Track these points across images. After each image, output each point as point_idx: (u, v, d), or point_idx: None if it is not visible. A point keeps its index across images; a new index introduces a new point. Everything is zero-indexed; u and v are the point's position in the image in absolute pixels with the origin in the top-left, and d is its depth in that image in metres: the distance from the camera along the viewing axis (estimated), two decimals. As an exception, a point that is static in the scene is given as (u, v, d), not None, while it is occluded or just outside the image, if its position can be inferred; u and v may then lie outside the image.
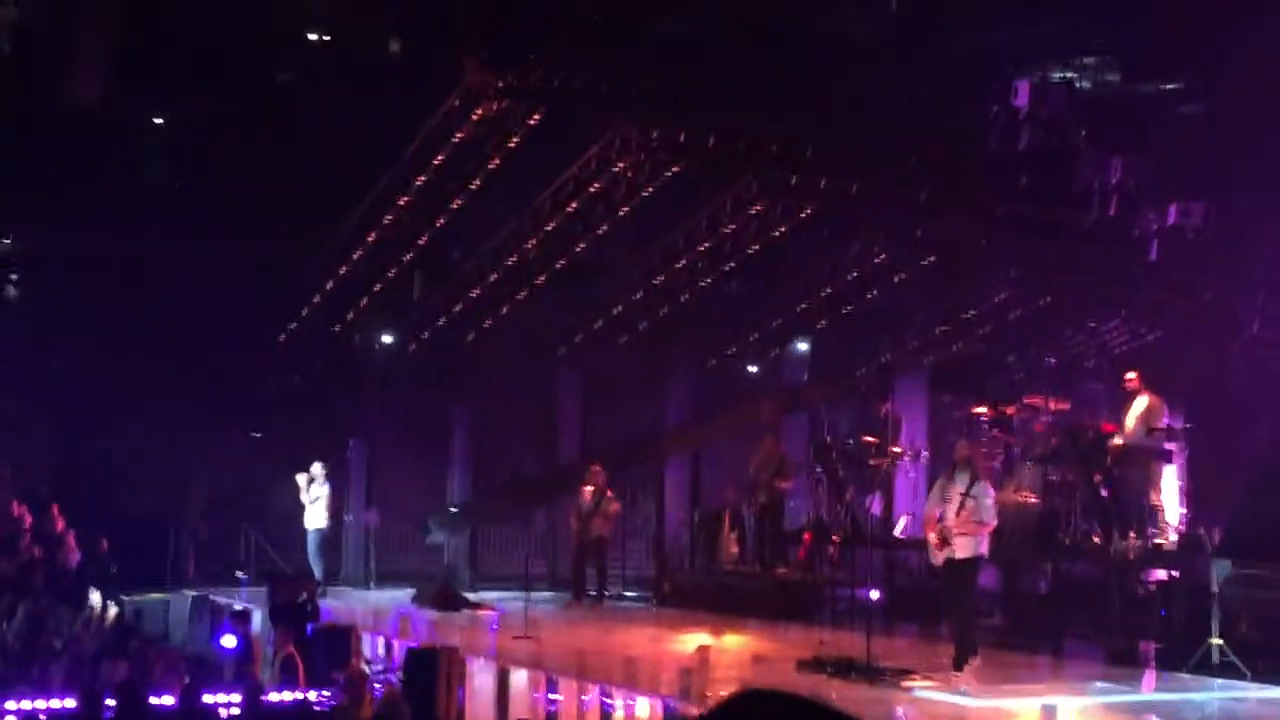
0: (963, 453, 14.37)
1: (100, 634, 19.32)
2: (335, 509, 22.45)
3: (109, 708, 13.80)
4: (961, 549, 13.87)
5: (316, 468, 21.94)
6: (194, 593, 21.62)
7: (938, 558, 14.10)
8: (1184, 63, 14.91)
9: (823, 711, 2.66)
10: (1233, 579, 14.40)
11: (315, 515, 21.94)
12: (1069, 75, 14.97)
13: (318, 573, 21.41)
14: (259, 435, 23.58)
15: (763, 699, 2.70)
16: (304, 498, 21.94)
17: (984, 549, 14.05)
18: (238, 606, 20.55)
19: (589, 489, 21.66)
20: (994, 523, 14.13)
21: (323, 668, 16.81)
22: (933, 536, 14.12)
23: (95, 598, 20.21)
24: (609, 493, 21.63)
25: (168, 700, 14.40)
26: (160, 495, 22.86)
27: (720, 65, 14.82)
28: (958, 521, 13.83)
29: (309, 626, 18.10)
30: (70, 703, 14.28)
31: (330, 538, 22.50)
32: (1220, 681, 14.13)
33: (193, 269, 21.32)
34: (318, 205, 20.86)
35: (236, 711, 14.65)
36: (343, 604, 20.49)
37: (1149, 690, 14.63)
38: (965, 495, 13.84)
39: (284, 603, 18.57)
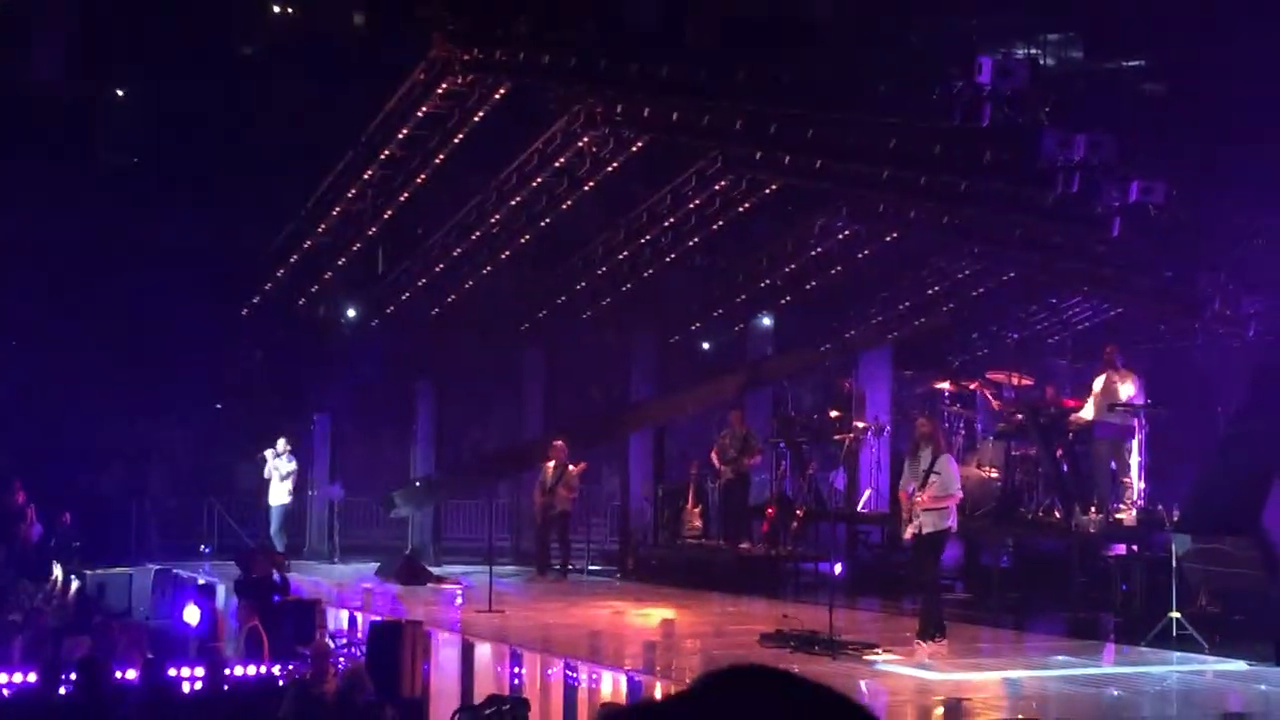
0: (923, 429, 14.42)
1: (62, 608, 19.27)
2: (297, 484, 22.51)
3: (70, 682, 13.78)
4: (929, 523, 13.94)
5: (281, 443, 21.98)
6: (157, 567, 21.56)
7: (907, 533, 14.18)
8: (1147, 40, 14.99)
9: (802, 686, 2.65)
10: (1192, 553, 14.53)
11: (279, 491, 22.02)
12: (1032, 52, 15.04)
13: (279, 548, 21.40)
14: (220, 408, 23.48)
15: (743, 675, 2.69)
16: (269, 473, 21.97)
17: (951, 522, 14.11)
18: (201, 581, 20.55)
19: (551, 464, 21.70)
20: (959, 494, 14.19)
21: (287, 642, 16.82)
22: (905, 511, 14.22)
23: (57, 571, 20.15)
24: (570, 467, 21.65)
25: (130, 675, 14.39)
26: (123, 470, 22.80)
27: (686, 44, 14.83)
28: (924, 497, 13.91)
29: (275, 599, 18.10)
30: (31, 677, 14.25)
31: (293, 512, 22.54)
32: (1179, 655, 14.27)
33: (155, 244, 21.22)
34: (282, 179, 20.79)
35: (199, 685, 14.65)
36: (307, 578, 20.48)
37: (1109, 663, 14.76)
38: (929, 470, 13.93)
39: (252, 577, 18.56)
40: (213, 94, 20.04)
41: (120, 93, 20.81)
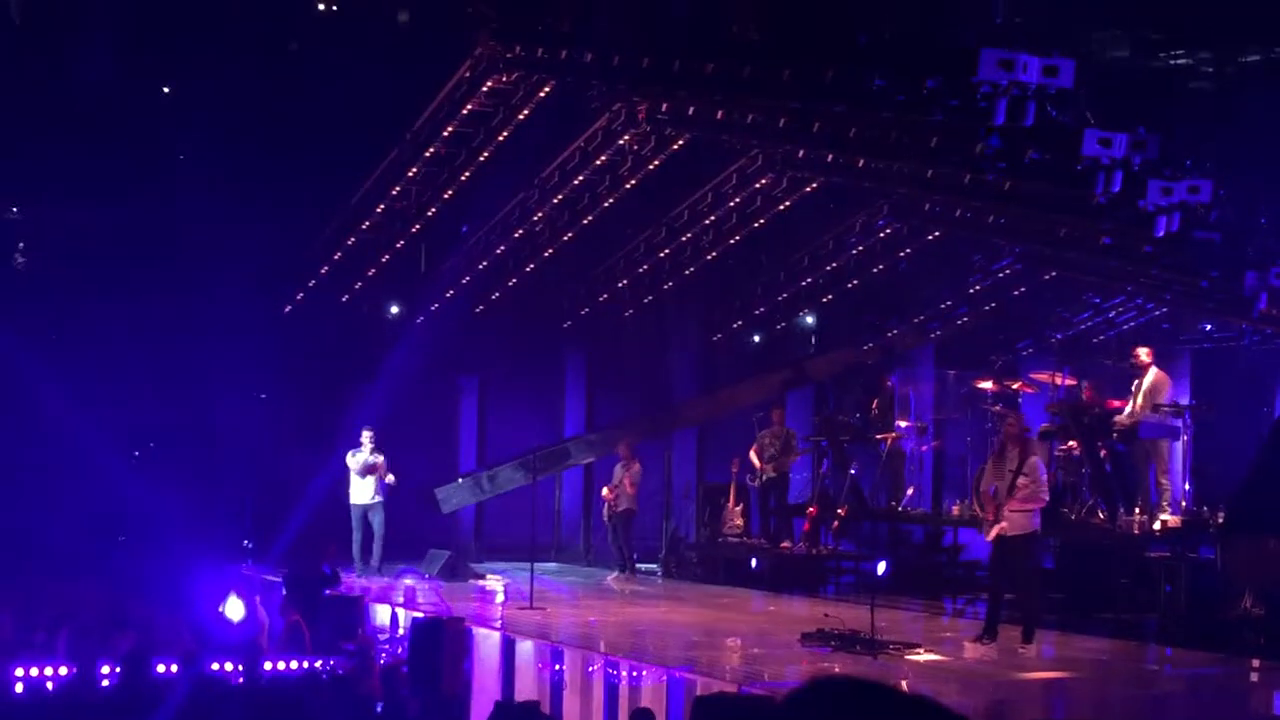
0: (1011, 429, 14.42)
1: (104, 601, 19.39)
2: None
3: (113, 675, 13.89)
4: (1015, 525, 13.98)
5: (365, 436, 20.89)
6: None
7: (990, 533, 14.19)
8: (1192, 38, 14.88)
9: (890, 695, 2.73)
10: (1237, 555, 14.44)
11: (364, 489, 20.80)
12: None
13: (374, 556, 20.69)
14: (264, 397, 23.49)
15: (832, 687, 2.79)
16: (353, 468, 20.78)
17: (1037, 524, 14.16)
18: (244, 574, 20.69)
19: (620, 463, 21.80)
20: (1046, 498, 14.28)
21: (329, 637, 16.92)
22: (983, 511, 14.22)
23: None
24: (634, 464, 21.67)
25: (172, 668, 14.48)
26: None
27: (728, 42, 14.79)
28: (1012, 498, 13.94)
29: (325, 592, 18.22)
30: (64, 670, 14.35)
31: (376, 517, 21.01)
32: (1224, 656, 14.20)
33: (200, 239, 21.30)
34: (326, 176, 20.86)
35: (241, 680, 14.74)
36: (350, 574, 20.57)
37: (1152, 664, 14.70)
38: (1017, 472, 13.94)
39: (300, 571, 18.69)
40: (257, 90, 20.09)
41: (166, 89, 20.90)
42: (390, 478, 20.69)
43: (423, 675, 14.80)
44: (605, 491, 21.71)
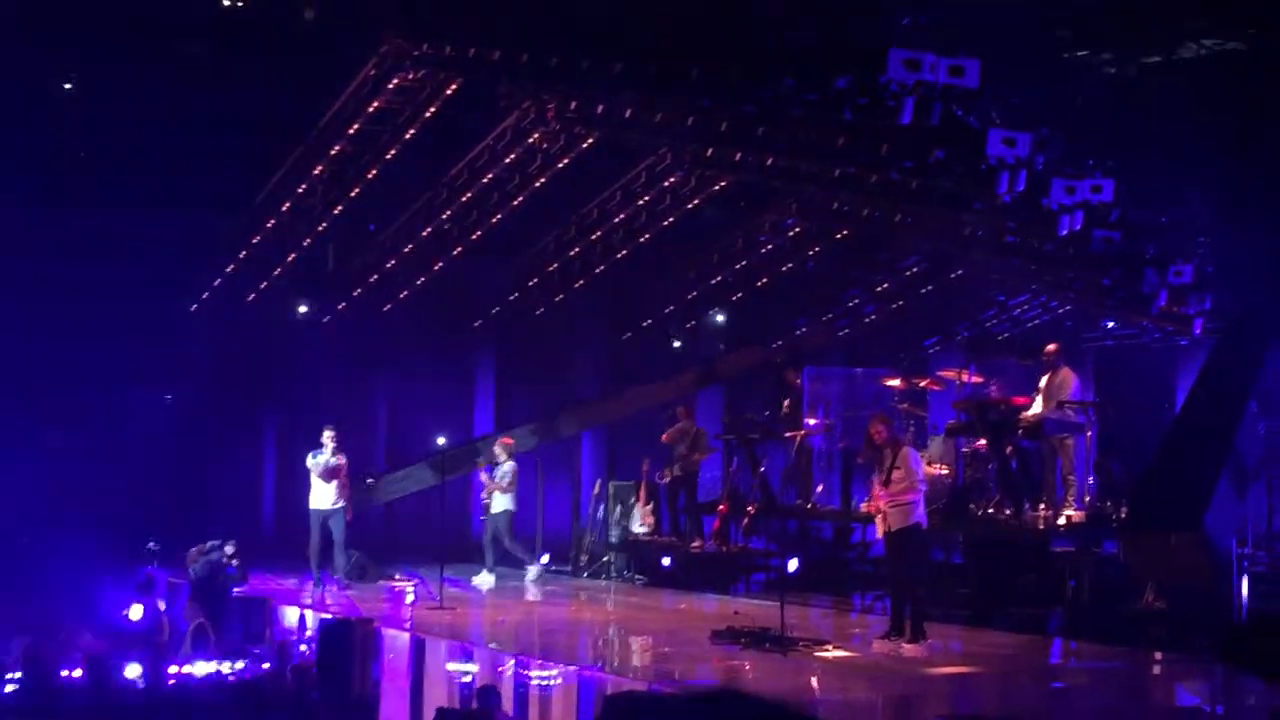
0: (879, 436, 14.29)
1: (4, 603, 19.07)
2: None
3: (13, 680, 13.66)
4: (896, 519, 13.90)
5: (327, 435, 19.41)
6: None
7: (879, 530, 14.18)
8: (1095, 37, 15.06)
9: (793, 713, 2.85)
10: (1138, 550, 14.61)
11: (325, 493, 19.30)
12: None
13: (336, 564, 19.47)
14: (170, 398, 23.22)
15: (739, 699, 2.89)
16: (314, 470, 19.26)
17: (919, 515, 13.99)
18: (144, 577, 20.38)
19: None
20: (923, 486, 14.07)
21: (237, 639, 16.75)
22: (870, 509, 14.23)
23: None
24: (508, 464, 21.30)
25: (75, 673, 14.26)
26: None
27: (637, 41, 14.80)
28: (888, 493, 13.91)
29: (232, 590, 18.02)
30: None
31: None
32: (1128, 650, 14.39)
33: (104, 236, 21.01)
34: (232, 175, 20.64)
35: (144, 684, 14.55)
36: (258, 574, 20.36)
37: (1057, 658, 14.87)
38: (891, 466, 13.92)
39: (206, 572, 18.47)
40: (161, 86, 19.85)
41: (67, 85, 20.58)
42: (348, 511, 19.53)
43: (332, 677, 14.66)
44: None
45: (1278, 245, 15.72)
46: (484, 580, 20.06)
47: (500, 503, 20.27)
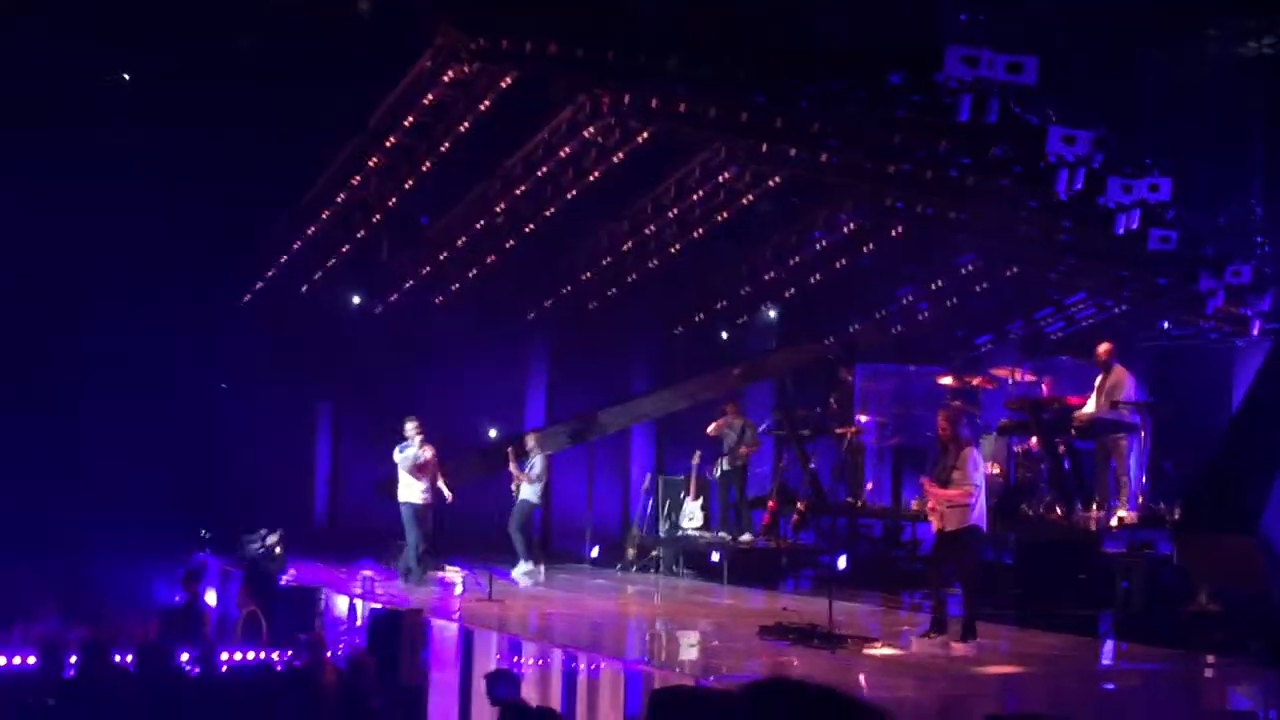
0: (944, 429, 14.10)
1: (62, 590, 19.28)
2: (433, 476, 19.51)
3: (71, 665, 13.80)
4: (950, 520, 13.72)
5: (410, 428, 19.46)
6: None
7: (935, 525, 14.02)
8: (1155, 33, 14.95)
9: (842, 700, 2.85)
10: (1193, 552, 14.50)
11: (413, 488, 19.36)
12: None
13: (423, 559, 19.34)
14: (225, 387, 23.33)
15: (787, 688, 2.90)
16: (402, 465, 19.27)
17: (976, 517, 13.74)
18: (195, 565, 20.57)
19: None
20: (972, 488, 13.79)
21: (286, 627, 16.87)
22: (931, 505, 14.03)
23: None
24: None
25: (128, 659, 14.40)
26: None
27: (692, 36, 14.78)
28: (945, 494, 13.73)
29: (279, 577, 18.14)
30: (31, 660, 14.26)
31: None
32: (1180, 652, 14.29)
33: (158, 229, 21.15)
34: (287, 166, 20.73)
35: (197, 671, 14.67)
36: (309, 564, 20.50)
37: (1108, 660, 14.78)
38: (952, 467, 13.73)
39: (257, 560, 18.63)
40: (217, 79, 19.95)
41: (126, 75, 20.72)
42: (448, 494, 19.62)
43: (382, 666, 14.74)
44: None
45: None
46: (522, 571, 20.06)
47: (524, 492, 20.25)
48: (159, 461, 21.39)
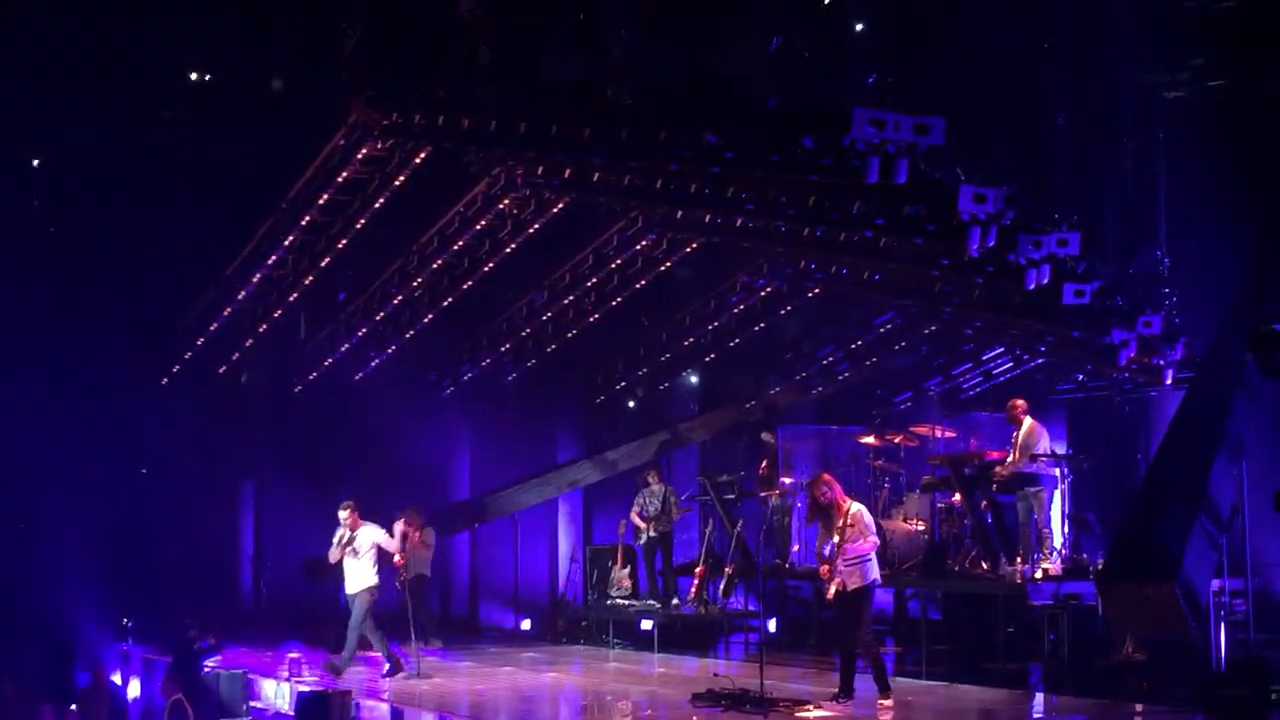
0: (821, 491, 14.28)
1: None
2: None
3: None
4: (853, 579, 13.94)
5: (345, 512, 17.54)
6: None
7: (830, 592, 14.16)
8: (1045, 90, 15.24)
9: None
10: (1116, 602, 14.61)
11: (362, 573, 17.47)
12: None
13: (378, 646, 17.69)
14: (145, 471, 23.04)
15: None
16: (341, 549, 17.42)
17: (874, 574, 14.10)
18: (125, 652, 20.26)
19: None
20: (874, 540, 14.16)
21: (213, 714, 16.62)
22: (825, 571, 14.15)
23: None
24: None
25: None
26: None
27: (604, 105, 14.89)
28: (843, 554, 13.92)
29: (202, 666, 17.86)
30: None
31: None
32: (1108, 702, 14.38)
33: (76, 308, 20.95)
34: (202, 246, 20.61)
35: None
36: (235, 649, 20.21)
37: (1038, 713, 14.84)
38: (845, 525, 13.95)
39: (182, 647, 18.36)
40: (131, 158, 19.86)
41: (35, 161, 20.60)
42: (397, 556, 17.77)
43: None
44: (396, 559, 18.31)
45: (1242, 287, 15.89)
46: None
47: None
48: (80, 546, 21.08)
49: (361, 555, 17.39)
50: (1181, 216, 16.49)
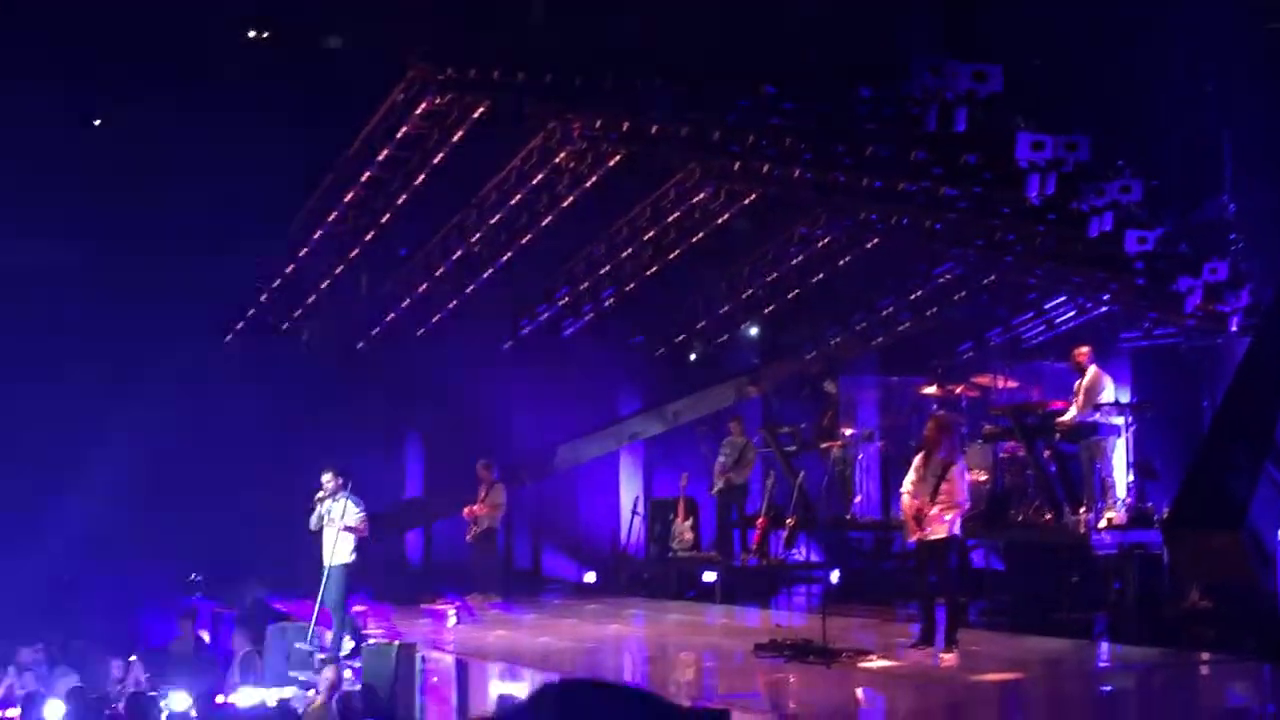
0: (931, 431, 14.22)
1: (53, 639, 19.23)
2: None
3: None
4: (936, 530, 13.80)
5: (327, 478, 17.18)
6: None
7: (912, 537, 14.05)
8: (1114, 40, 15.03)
9: (627, 693, 3.05)
10: (1182, 550, 14.52)
11: (341, 546, 16.91)
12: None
13: (347, 632, 16.91)
14: (207, 432, 23.19)
15: (571, 689, 3.08)
16: (323, 519, 16.96)
17: (957, 529, 13.98)
18: (188, 608, 20.51)
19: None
20: (967, 504, 14.11)
21: (280, 666, 16.82)
22: (908, 516, 14.02)
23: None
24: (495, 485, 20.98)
25: (119, 707, 14.37)
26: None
27: (661, 57, 14.83)
28: (931, 503, 13.77)
29: (271, 622, 18.09)
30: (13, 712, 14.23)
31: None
32: (1174, 651, 14.31)
33: (137, 271, 21.10)
34: (262, 205, 20.70)
35: (194, 716, 14.64)
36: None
37: (1104, 662, 14.79)
38: (940, 477, 13.78)
39: (250, 601, 18.60)
40: (188, 118, 19.94)
41: (96, 121, 20.71)
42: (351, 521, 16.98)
43: (375, 701, 14.70)
44: (466, 510, 20.57)
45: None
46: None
47: (485, 522, 20.02)
48: (148, 503, 21.32)
49: (339, 526, 16.91)
50: (1247, 162, 16.25)
